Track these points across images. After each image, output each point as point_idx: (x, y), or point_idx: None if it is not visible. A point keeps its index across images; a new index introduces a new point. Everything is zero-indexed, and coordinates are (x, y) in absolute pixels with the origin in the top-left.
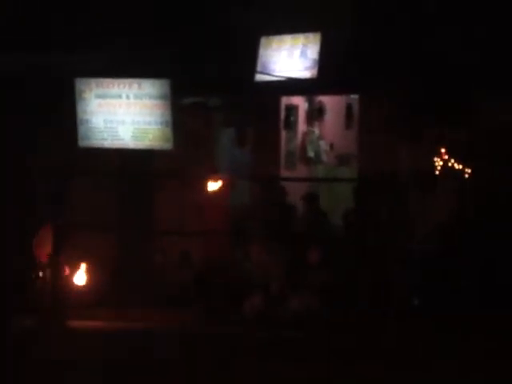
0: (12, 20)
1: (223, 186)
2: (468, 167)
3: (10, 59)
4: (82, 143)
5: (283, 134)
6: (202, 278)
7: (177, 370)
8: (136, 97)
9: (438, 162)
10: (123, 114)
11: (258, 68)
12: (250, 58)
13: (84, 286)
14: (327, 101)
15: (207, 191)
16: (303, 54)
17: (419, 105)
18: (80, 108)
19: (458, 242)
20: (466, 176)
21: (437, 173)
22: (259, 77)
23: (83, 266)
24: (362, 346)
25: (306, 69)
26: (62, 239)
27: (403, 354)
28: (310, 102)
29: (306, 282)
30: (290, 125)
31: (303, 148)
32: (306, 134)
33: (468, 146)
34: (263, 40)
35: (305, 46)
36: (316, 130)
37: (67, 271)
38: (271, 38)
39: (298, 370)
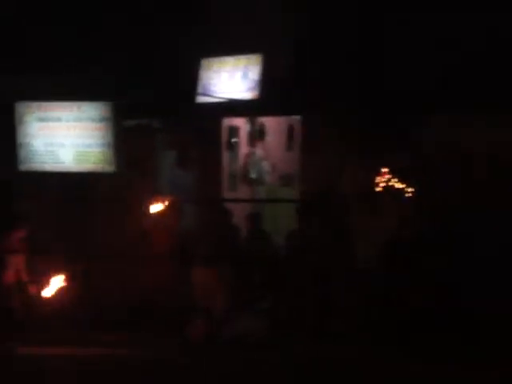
0: None
1: (171, 208)
2: (410, 187)
3: None
4: (23, 167)
5: (225, 155)
6: (146, 301)
7: None
8: (76, 119)
9: (380, 182)
10: (64, 137)
11: (200, 90)
12: (191, 79)
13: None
14: (269, 122)
15: (153, 214)
16: (245, 75)
17: (360, 126)
18: (20, 131)
19: (399, 263)
20: (408, 196)
21: (378, 192)
22: (201, 98)
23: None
24: (305, 369)
25: (248, 90)
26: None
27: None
28: (252, 123)
29: (249, 305)
30: (232, 146)
31: (245, 169)
32: (248, 156)
33: (410, 166)
34: (204, 62)
35: (246, 67)
36: (258, 151)
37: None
38: (212, 59)
39: None
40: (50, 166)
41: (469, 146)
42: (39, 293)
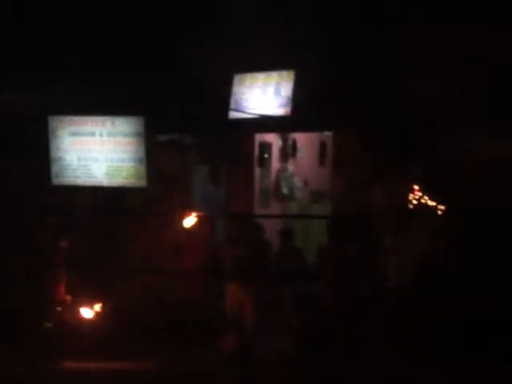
0: None
1: (205, 223)
2: (441, 204)
3: None
4: (56, 181)
5: (257, 171)
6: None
7: None
8: (109, 134)
9: (412, 199)
10: (97, 151)
11: (232, 105)
12: (223, 95)
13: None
14: (301, 138)
15: (187, 229)
16: (277, 91)
17: (393, 142)
18: (53, 146)
19: (433, 281)
20: (440, 213)
21: (411, 210)
22: (233, 114)
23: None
24: None
25: (280, 106)
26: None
27: None
28: (284, 139)
29: (280, 321)
30: (264, 162)
31: (277, 185)
32: (279, 171)
33: (441, 183)
34: (236, 77)
35: (278, 83)
36: (290, 167)
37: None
38: (244, 75)
39: None
40: (82, 180)
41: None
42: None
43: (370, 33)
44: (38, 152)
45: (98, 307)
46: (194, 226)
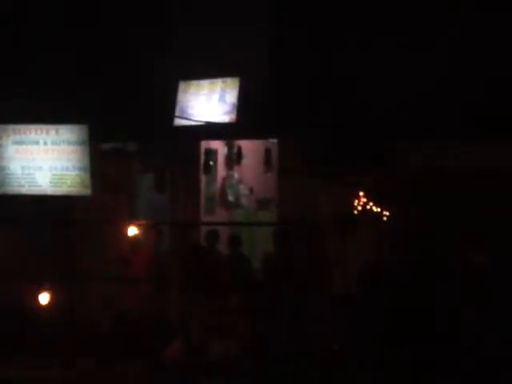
0: None
1: (152, 232)
2: (386, 210)
3: None
4: None
5: (203, 178)
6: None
7: None
8: (53, 143)
9: (357, 206)
10: (41, 160)
11: (177, 112)
12: (168, 102)
13: None
14: (246, 145)
15: (135, 238)
16: (222, 98)
17: (337, 149)
18: None
19: (377, 288)
20: (385, 219)
21: (356, 216)
22: (178, 121)
23: None
24: None
25: (225, 113)
26: None
27: None
28: (229, 146)
29: (226, 329)
30: (210, 169)
31: (223, 192)
32: (225, 179)
33: (385, 190)
34: (181, 85)
35: (223, 90)
36: (235, 175)
37: None
38: (189, 82)
39: None
40: (26, 189)
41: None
42: None
43: (315, 38)
44: None
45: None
46: (140, 235)
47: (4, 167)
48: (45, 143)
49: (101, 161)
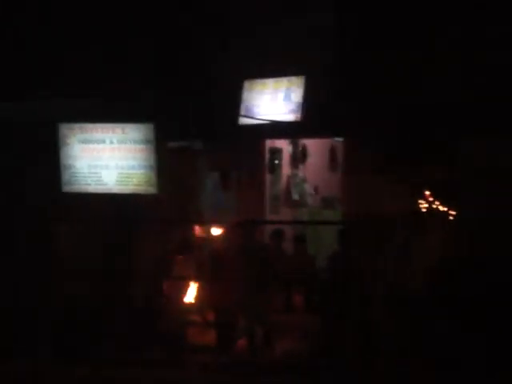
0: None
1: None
2: (453, 209)
3: None
4: (66, 188)
5: (268, 177)
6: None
7: None
8: (120, 141)
9: (423, 205)
10: (107, 158)
11: (242, 111)
12: (233, 101)
13: None
14: (311, 144)
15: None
16: (287, 97)
17: (404, 148)
18: (63, 153)
19: (445, 286)
20: (451, 218)
21: (424, 215)
22: (243, 120)
23: None
24: None
25: (290, 112)
26: None
27: None
28: (294, 145)
29: (291, 327)
30: (275, 168)
31: (288, 191)
32: (290, 177)
33: (453, 188)
34: (247, 83)
35: (288, 89)
36: (300, 173)
37: None
38: (255, 81)
39: None
40: (92, 187)
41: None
42: None
43: (380, 36)
44: (49, 159)
45: None
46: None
47: (71, 166)
48: (111, 142)
49: (167, 159)
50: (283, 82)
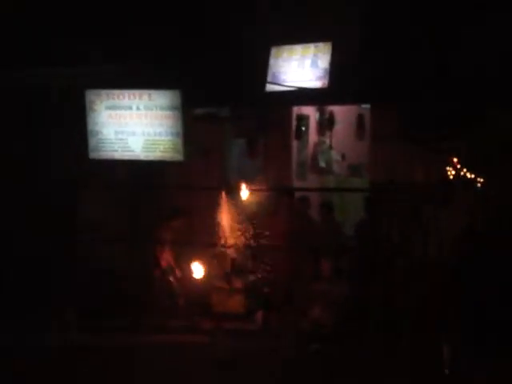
0: (26, 35)
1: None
2: (481, 177)
3: (25, 73)
4: (93, 155)
5: (294, 144)
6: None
7: None
8: (146, 108)
9: (451, 172)
10: (134, 125)
11: (269, 78)
12: (260, 68)
13: None
14: (338, 111)
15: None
16: (314, 63)
17: (431, 115)
18: (90, 119)
19: (472, 255)
20: (479, 185)
21: (451, 182)
22: (270, 87)
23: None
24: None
25: (317, 78)
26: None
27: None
28: (321, 112)
29: (320, 295)
30: (301, 135)
31: (314, 158)
32: (317, 144)
33: (480, 157)
34: (274, 50)
35: (315, 55)
36: (327, 140)
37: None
38: (282, 47)
39: None
40: (119, 154)
41: None
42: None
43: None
44: (76, 126)
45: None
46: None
47: (97, 132)
48: (138, 108)
49: (193, 126)
50: (310, 49)
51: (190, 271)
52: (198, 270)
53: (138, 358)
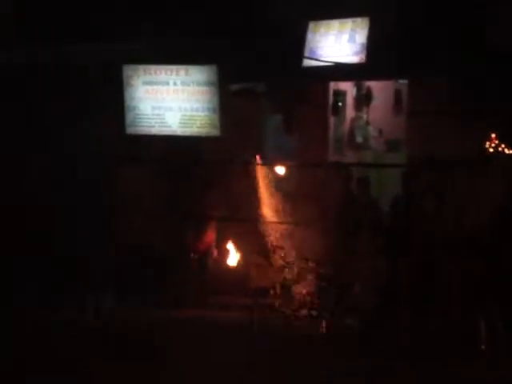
0: (63, 10)
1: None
2: None
3: (62, 49)
4: (130, 130)
5: (331, 119)
6: None
7: None
8: (183, 83)
9: (489, 148)
10: (171, 100)
11: (306, 53)
12: (297, 43)
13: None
14: (375, 86)
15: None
16: (351, 38)
17: (469, 90)
18: (128, 95)
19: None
20: None
21: (487, 157)
22: (307, 62)
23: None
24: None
25: (354, 54)
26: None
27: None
28: (359, 87)
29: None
30: (338, 110)
31: (351, 134)
32: (354, 120)
33: None
34: (311, 25)
35: (353, 30)
36: (364, 116)
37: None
38: (319, 22)
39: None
40: (156, 129)
41: None
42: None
43: None
44: (113, 101)
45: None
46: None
47: (134, 107)
48: (175, 84)
49: (230, 101)
50: (348, 24)
51: (228, 249)
52: (235, 247)
53: (178, 334)
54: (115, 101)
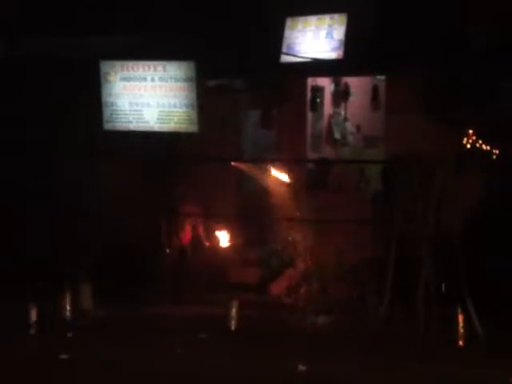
0: (40, 4)
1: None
2: (495, 148)
3: (37, 42)
4: (107, 126)
5: (309, 115)
6: None
7: None
8: (161, 79)
9: (466, 144)
10: (148, 96)
11: (284, 49)
12: (275, 39)
13: None
14: (353, 82)
15: None
16: (329, 34)
17: (446, 86)
18: (105, 91)
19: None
20: (494, 157)
21: (465, 154)
22: (285, 58)
23: None
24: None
25: (332, 50)
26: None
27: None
28: (336, 83)
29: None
30: (316, 106)
31: (329, 130)
32: (331, 116)
33: (495, 128)
34: (289, 21)
35: (330, 26)
36: (342, 112)
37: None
38: (296, 18)
39: None
40: (134, 125)
41: None
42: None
43: None
44: (90, 97)
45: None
46: None
47: (112, 103)
48: (152, 80)
49: (208, 98)
50: (325, 20)
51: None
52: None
53: (159, 329)
54: (93, 96)
